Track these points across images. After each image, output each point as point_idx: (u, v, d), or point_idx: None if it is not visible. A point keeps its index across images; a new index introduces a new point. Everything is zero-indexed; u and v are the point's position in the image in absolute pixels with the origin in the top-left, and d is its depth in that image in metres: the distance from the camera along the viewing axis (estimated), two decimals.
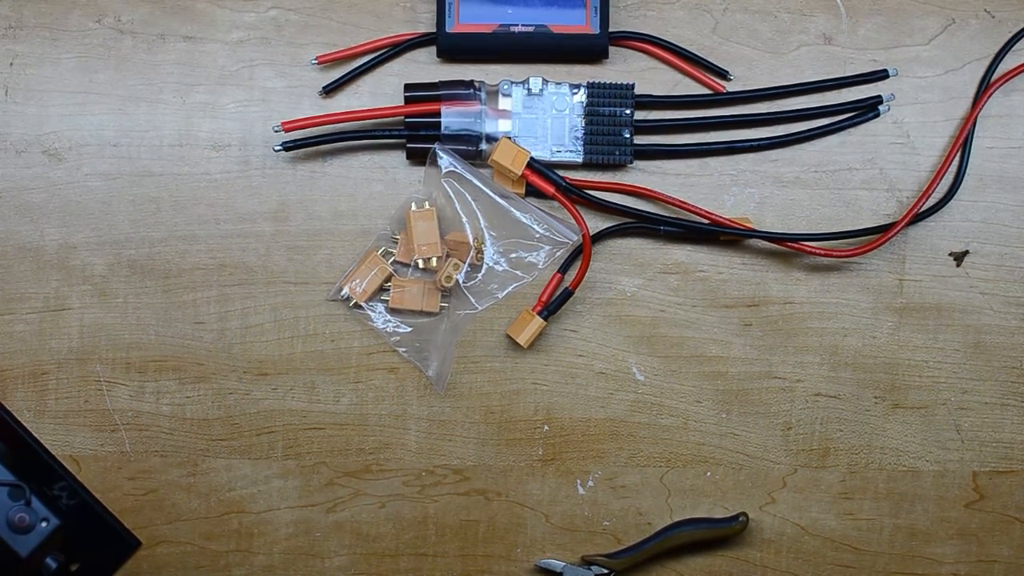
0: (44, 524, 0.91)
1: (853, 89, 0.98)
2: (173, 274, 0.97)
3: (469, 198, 0.95)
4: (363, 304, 0.96)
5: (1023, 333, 0.98)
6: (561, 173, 0.95)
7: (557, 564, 0.97)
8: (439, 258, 0.95)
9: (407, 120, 0.95)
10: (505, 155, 0.93)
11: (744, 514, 0.96)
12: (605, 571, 0.96)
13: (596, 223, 0.97)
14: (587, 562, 0.97)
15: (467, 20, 0.95)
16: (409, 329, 0.96)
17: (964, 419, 0.98)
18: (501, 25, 0.95)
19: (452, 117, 0.94)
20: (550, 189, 0.94)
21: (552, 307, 0.95)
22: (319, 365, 0.97)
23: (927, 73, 0.98)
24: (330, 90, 0.97)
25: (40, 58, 0.97)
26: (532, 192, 0.95)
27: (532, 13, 0.95)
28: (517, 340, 0.94)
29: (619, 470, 0.98)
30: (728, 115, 0.97)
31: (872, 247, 0.94)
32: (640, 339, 0.97)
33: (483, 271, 0.96)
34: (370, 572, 0.98)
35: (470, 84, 0.95)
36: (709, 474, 0.98)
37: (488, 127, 0.95)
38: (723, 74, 0.97)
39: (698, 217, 0.95)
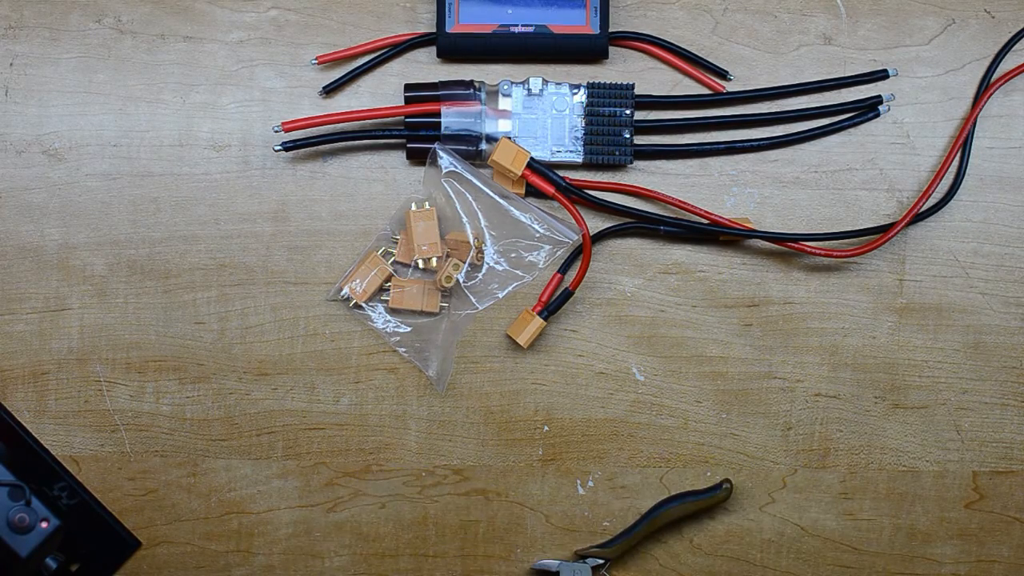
0: (44, 524, 0.91)
1: (853, 89, 0.98)
2: (173, 274, 0.97)
3: (469, 198, 0.95)
4: (363, 304, 0.96)
5: (1023, 333, 0.98)
6: (561, 173, 0.95)
7: (552, 564, 0.97)
8: (439, 258, 0.95)
9: (407, 120, 0.95)
10: (505, 155, 0.93)
11: (728, 480, 0.96)
12: (600, 561, 0.96)
13: (596, 223, 0.97)
14: (581, 556, 0.97)
15: (467, 20, 0.95)
16: (409, 329, 0.96)
17: (964, 419, 0.98)
18: (501, 25, 0.95)
19: (452, 117, 0.94)
20: (550, 189, 0.94)
21: (552, 307, 0.95)
22: (319, 365, 0.97)
23: (927, 73, 0.98)
24: (330, 90, 0.97)
25: (40, 58, 0.97)
26: (532, 192, 0.95)
27: (532, 13, 0.95)
28: (517, 340, 0.94)
29: (619, 470, 0.98)
30: (728, 115, 0.97)
31: (872, 247, 0.94)
32: (640, 339, 0.97)
33: (483, 271, 0.96)
34: (370, 572, 0.98)
35: (470, 84, 0.95)
36: (709, 474, 0.98)
37: (488, 127, 0.95)
38: (723, 74, 0.97)
39: (698, 217, 0.95)
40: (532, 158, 0.93)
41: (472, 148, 0.95)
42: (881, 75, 0.97)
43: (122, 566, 0.98)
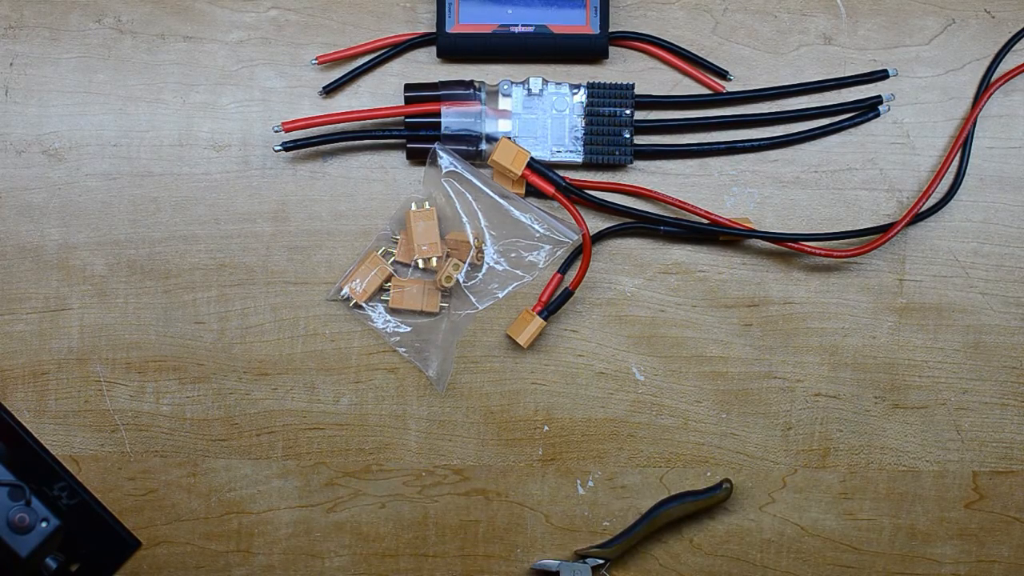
0: (44, 524, 0.91)
1: (853, 89, 0.98)
2: (173, 274, 0.97)
3: (469, 198, 0.95)
4: (363, 304, 0.96)
5: (1023, 333, 0.98)
6: (561, 173, 0.95)
7: (552, 564, 0.97)
8: (439, 258, 0.95)
9: (407, 120, 0.95)
10: (505, 155, 0.93)
11: (728, 480, 0.96)
12: (600, 561, 0.96)
13: (596, 223, 0.97)
14: (581, 556, 0.97)
15: (467, 20, 0.95)
16: (409, 329, 0.96)
17: (964, 419, 0.98)
18: (501, 25, 0.95)
19: (452, 117, 0.94)
20: (550, 189, 0.94)
21: (552, 307, 0.95)
22: (319, 365, 0.97)
23: (927, 73, 0.98)
24: (330, 90, 0.97)
25: (40, 58, 0.97)
26: (532, 192, 0.95)
27: (532, 13, 0.95)
28: (517, 340, 0.94)
29: (619, 470, 0.98)
30: (728, 115, 0.97)
31: (872, 247, 0.94)
32: (640, 339, 0.97)
33: (483, 271, 0.96)
34: (370, 572, 0.98)
35: (470, 84, 0.95)
36: (709, 474, 0.98)
37: (488, 127, 0.95)
38: (723, 74, 0.97)
39: (698, 217, 0.95)
40: (532, 158, 0.93)
41: (472, 148, 0.95)
42: (881, 75, 0.97)
43: (122, 566, 0.98)
